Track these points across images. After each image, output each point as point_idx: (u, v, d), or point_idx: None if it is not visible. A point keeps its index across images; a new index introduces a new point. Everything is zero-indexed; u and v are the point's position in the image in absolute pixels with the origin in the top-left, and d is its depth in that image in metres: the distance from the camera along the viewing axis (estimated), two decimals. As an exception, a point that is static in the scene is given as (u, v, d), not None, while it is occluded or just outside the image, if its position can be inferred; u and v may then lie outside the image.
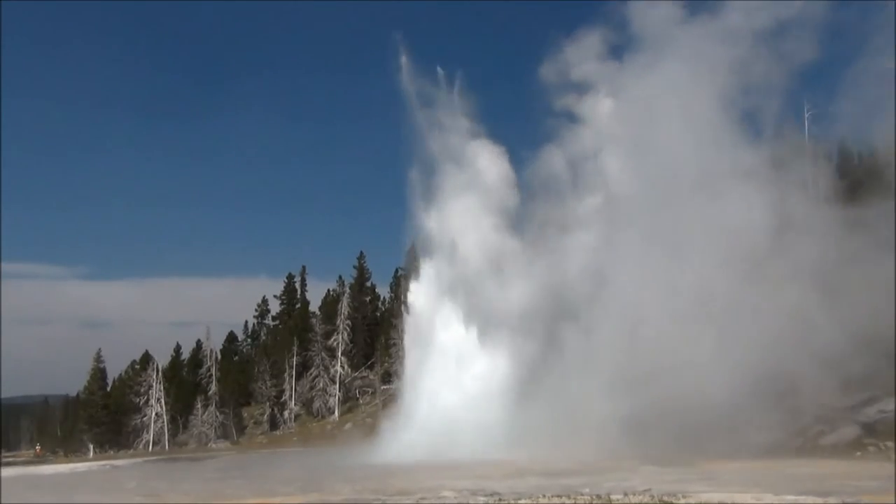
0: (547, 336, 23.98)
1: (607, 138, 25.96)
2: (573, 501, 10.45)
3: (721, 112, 22.03)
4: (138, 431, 49.22)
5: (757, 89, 22.52)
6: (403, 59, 29.76)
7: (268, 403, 46.95)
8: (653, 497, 10.44)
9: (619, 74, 25.45)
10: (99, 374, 56.18)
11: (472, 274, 27.99)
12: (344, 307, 46.81)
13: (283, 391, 46.65)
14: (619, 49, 26.05)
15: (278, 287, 55.27)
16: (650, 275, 20.63)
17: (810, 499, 9.99)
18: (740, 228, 19.77)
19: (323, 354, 45.88)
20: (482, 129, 29.67)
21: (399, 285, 44.06)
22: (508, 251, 27.96)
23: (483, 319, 27.17)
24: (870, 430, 17.38)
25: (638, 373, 18.84)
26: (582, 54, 26.78)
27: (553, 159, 27.59)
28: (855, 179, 25.14)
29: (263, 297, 57.17)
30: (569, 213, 26.84)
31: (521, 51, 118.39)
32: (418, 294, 30.58)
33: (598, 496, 10.79)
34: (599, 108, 26.80)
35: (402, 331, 33.12)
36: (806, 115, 27.24)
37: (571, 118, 27.57)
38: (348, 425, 41.20)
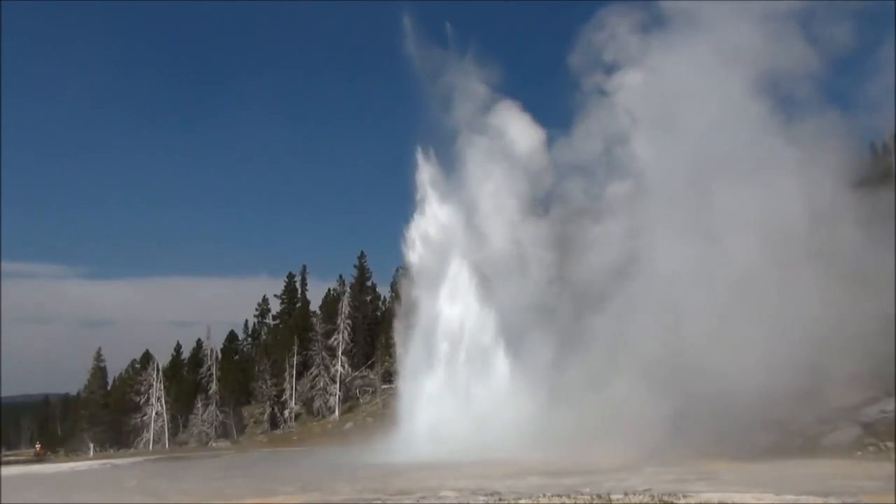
0: (575, 330, 22.28)
1: (637, 119, 24.13)
2: (573, 501, 10.44)
3: (753, 95, 21.27)
4: (139, 430, 49.24)
5: (789, 73, 21.68)
6: (407, 22, 28.05)
7: (268, 403, 46.93)
8: (653, 497, 10.43)
9: (648, 54, 24.08)
10: (99, 373, 56.33)
11: (495, 259, 25.32)
12: (344, 306, 46.80)
13: (283, 390, 46.64)
14: (650, 28, 24.77)
15: (279, 286, 55.32)
16: (685, 265, 19.73)
17: (811, 499, 9.98)
18: (774, 216, 19.13)
19: (323, 354, 45.87)
20: (500, 97, 27.50)
21: (399, 284, 44.02)
22: (535, 237, 25.66)
23: (505, 311, 24.59)
24: (870, 430, 17.33)
25: (676, 367, 18.11)
26: (611, 33, 25.08)
27: (580, 140, 25.73)
28: (887, 166, 24.59)
29: (264, 297, 57.20)
30: (598, 197, 24.96)
31: (546, 29, 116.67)
32: (416, 241, 26.64)
33: (599, 496, 10.78)
34: (629, 88, 24.94)
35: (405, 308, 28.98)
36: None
37: (599, 98, 25.90)
38: (349, 425, 41.21)
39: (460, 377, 24.62)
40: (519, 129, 27.11)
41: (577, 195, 25.69)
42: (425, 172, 27.71)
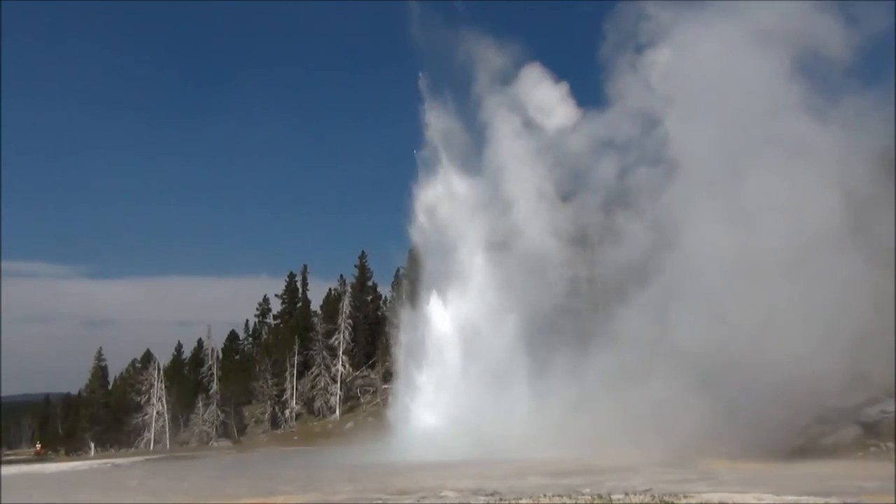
0: (606, 325, 20.46)
1: (670, 100, 22.23)
2: (574, 501, 10.42)
3: (790, 76, 20.25)
4: (139, 430, 49.32)
5: (827, 54, 20.42)
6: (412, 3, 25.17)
7: (269, 402, 46.96)
8: (653, 497, 10.41)
9: (682, 33, 22.44)
10: (100, 372, 56.42)
11: (518, 247, 22.21)
12: (345, 306, 46.81)
13: (284, 390, 46.68)
14: (684, 6, 23.00)
15: (280, 286, 55.38)
16: (725, 254, 18.73)
17: (811, 499, 9.96)
18: (812, 201, 18.35)
19: (324, 353, 45.89)
20: (525, 62, 24.70)
21: (400, 284, 44.04)
22: (563, 225, 22.91)
23: (526, 310, 21.62)
24: (871, 430, 17.32)
25: (722, 361, 17.17)
26: (644, 10, 23.13)
27: (610, 121, 23.50)
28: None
29: (265, 296, 57.28)
30: (629, 181, 22.75)
31: (577, 5, 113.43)
32: (420, 215, 23.22)
33: (599, 496, 10.77)
34: (661, 67, 22.90)
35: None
36: None
37: (630, 77, 23.86)
38: (349, 424, 41.21)
39: (471, 388, 21.82)
40: (546, 96, 24.58)
41: (606, 179, 23.56)
42: (434, 115, 24.43)
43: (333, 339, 45.98)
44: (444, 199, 23.94)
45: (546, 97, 24.76)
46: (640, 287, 20.87)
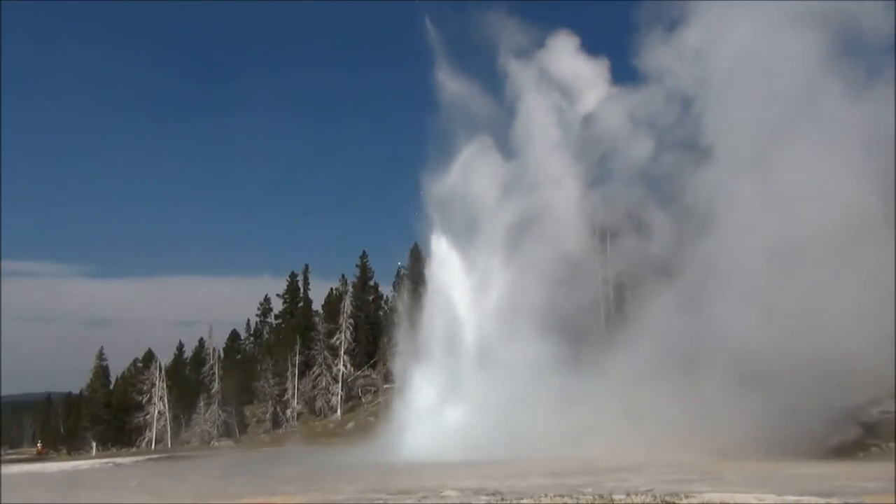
0: (639, 323, 19.35)
1: (701, 81, 21.29)
2: (575, 501, 10.40)
3: (827, 57, 19.75)
4: (141, 429, 49.42)
5: (864, 33, 19.76)
6: None
7: (270, 402, 47.04)
8: (655, 497, 10.39)
9: (716, 13, 21.60)
10: (101, 371, 56.59)
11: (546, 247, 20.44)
12: (346, 306, 46.87)
13: (285, 390, 46.76)
14: None
15: (281, 286, 55.57)
16: (762, 244, 18.27)
17: (813, 499, 9.94)
18: (847, 187, 17.89)
19: (325, 353, 45.95)
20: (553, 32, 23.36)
21: (401, 285, 44.03)
22: (593, 218, 21.39)
23: (552, 309, 19.88)
24: (872, 431, 17.29)
25: (766, 356, 16.72)
26: None
27: (641, 103, 22.42)
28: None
29: (266, 296, 57.54)
30: (662, 165, 21.63)
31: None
32: (432, 211, 20.87)
33: (601, 496, 10.75)
34: (694, 48, 21.80)
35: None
36: None
37: (661, 58, 22.85)
38: (351, 424, 41.24)
39: (489, 405, 20.20)
40: (575, 65, 23.22)
41: (638, 162, 22.34)
42: (446, 75, 22.56)
43: (335, 338, 46.03)
44: (458, 182, 22.00)
45: (575, 67, 23.56)
46: (672, 279, 20.26)
